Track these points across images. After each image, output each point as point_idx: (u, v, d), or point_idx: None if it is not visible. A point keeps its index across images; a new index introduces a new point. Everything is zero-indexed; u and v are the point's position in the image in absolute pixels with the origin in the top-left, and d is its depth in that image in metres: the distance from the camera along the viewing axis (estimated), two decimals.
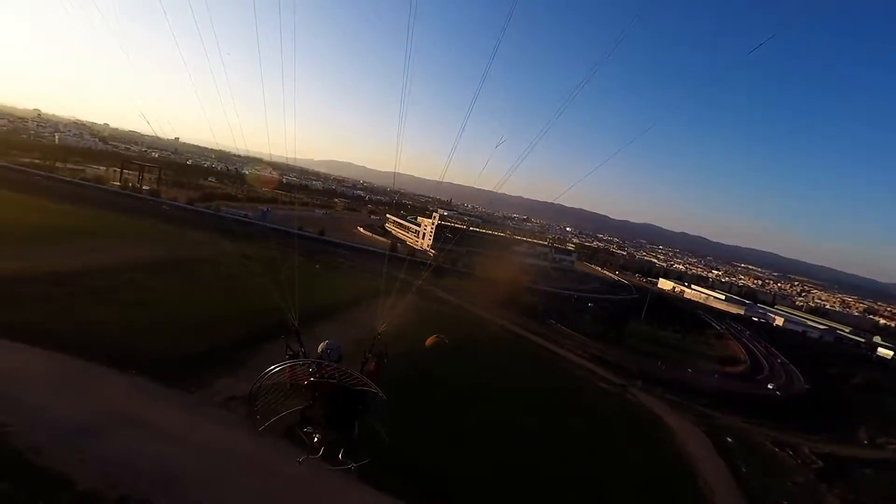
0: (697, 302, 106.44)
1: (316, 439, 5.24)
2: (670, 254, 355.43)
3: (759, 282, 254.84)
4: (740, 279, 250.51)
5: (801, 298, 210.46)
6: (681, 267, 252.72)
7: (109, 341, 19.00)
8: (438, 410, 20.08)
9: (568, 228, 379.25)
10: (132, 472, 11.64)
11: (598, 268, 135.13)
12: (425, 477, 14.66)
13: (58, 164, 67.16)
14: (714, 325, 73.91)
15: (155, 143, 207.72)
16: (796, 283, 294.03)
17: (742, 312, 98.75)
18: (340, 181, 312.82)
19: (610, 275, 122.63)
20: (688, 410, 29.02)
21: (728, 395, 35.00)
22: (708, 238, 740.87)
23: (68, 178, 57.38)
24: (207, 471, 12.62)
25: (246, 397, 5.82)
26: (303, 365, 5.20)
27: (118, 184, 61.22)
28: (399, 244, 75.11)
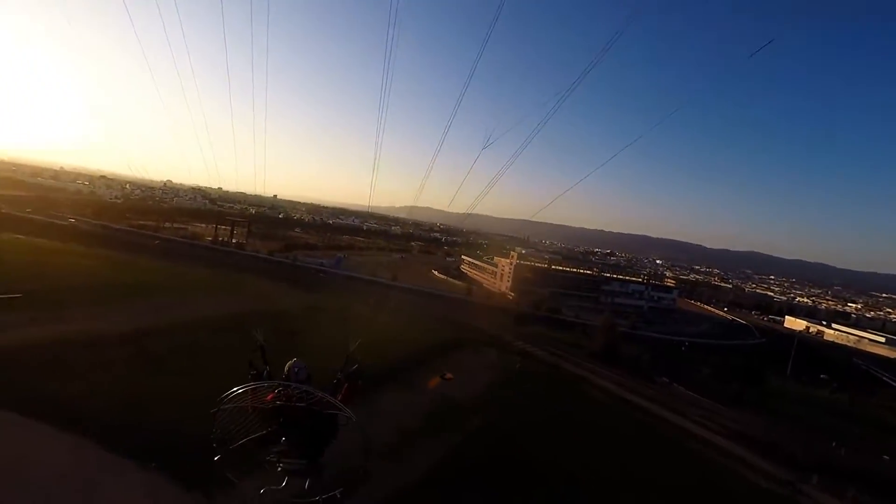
0: (846, 346, 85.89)
1: (280, 468, 4.86)
2: (786, 284, 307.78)
3: None
4: (891, 314, 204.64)
5: None
6: (806, 300, 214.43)
7: (141, 425, 16.46)
8: None
9: (658, 261, 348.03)
10: None
11: (703, 305, 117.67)
12: None
13: (165, 224, 74.62)
14: (889, 380, 57.13)
15: (256, 200, 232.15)
16: None
17: None
18: (418, 225, 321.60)
19: (720, 313, 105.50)
20: None
21: None
22: (831, 264, 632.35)
23: (167, 237, 62.74)
24: None
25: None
26: (267, 387, 4.74)
27: (210, 238, 66.12)
28: (474, 287, 70.43)
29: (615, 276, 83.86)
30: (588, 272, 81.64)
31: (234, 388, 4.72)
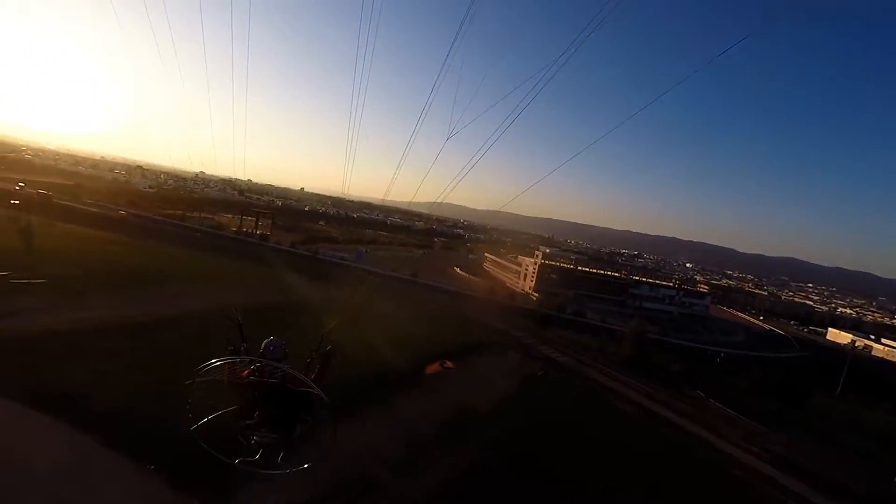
0: None
1: (253, 441, 5.05)
2: (825, 293, 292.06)
3: None
4: None
5: None
6: (849, 311, 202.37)
7: (140, 420, 15.76)
8: None
9: (688, 264, 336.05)
10: None
11: (738, 313, 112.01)
12: None
13: (193, 214, 75.98)
14: None
15: (283, 193, 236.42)
16: None
17: None
18: (441, 221, 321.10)
19: (756, 322, 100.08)
20: None
21: None
22: (876, 273, 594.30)
23: (192, 226, 63.61)
24: None
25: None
26: (241, 362, 4.96)
27: (234, 229, 66.85)
28: (497, 286, 68.63)
29: (644, 279, 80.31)
30: (615, 274, 78.43)
31: (211, 361, 4.84)
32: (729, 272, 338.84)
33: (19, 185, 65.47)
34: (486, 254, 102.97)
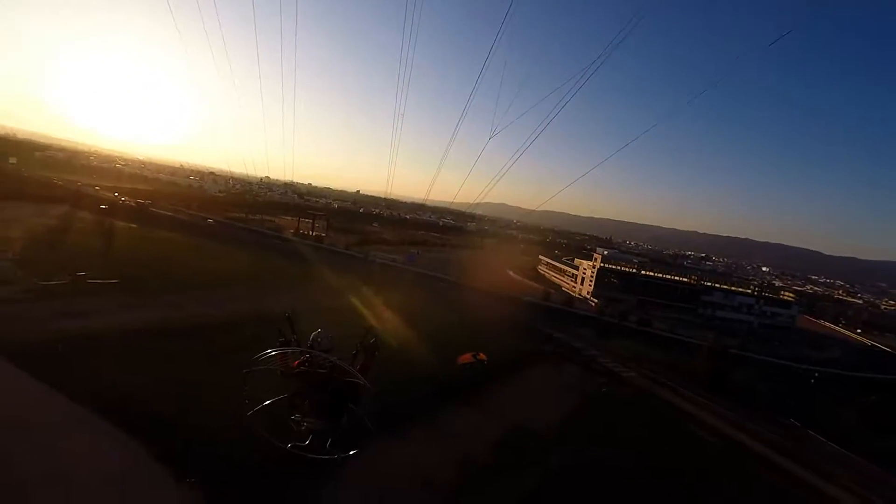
0: None
1: (304, 427, 5.43)
2: None
3: None
4: None
5: None
6: None
7: (188, 429, 15.53)
8: None
9: (764, 268, 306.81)
10: None
11: (829, 325, 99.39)
12: None
13: (255, 217, 79.90)
14: None
15: (340, 196, 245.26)
16: None
17: None
18: (494, 222, 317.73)
19: (852, 335, 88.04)
20: None
21: None
22: None
23: (253, 228, 66.57)
24: None
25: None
26: (293, 353, 5.32)
27: (292, 231, 69.23)
28: (553, 291, 65.36)
29: (718, 284, 72.94)
30: (684, 279, 71.91)
31: (266, 351, 5.16)
32: (814, 277, 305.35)
33: (117, 195, 72.36)
34: (540, 256, 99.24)
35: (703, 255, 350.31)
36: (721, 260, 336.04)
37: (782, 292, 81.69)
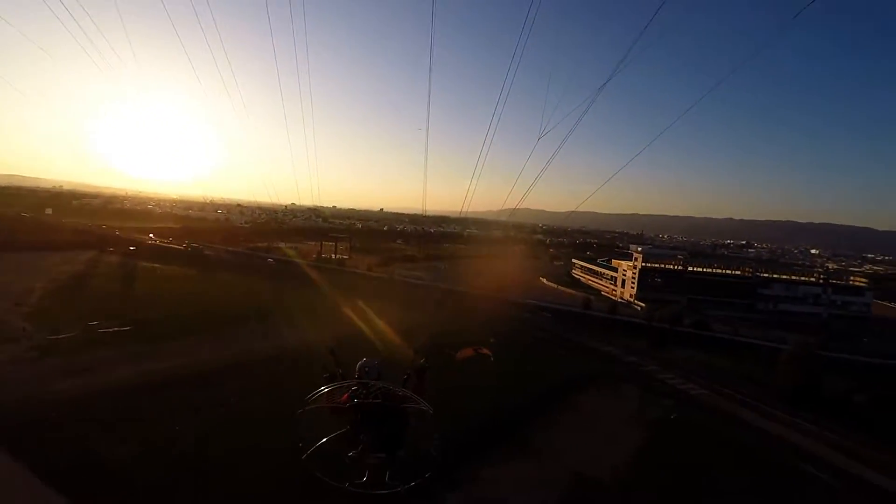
0: None
1: (361, 463, 5.10)
2: None
3: None
4: None
5: None
6: None
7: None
8: None
9: (813, 251, 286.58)
10: None
11: None
12: None
13: (279, 245, 79.25)
14: None
15: (364, 215, 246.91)
16: None
17: None
18: (519, 228, 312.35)
19: None
20: None
21: None
22: None
23: (275, 256, 65.49)
24: None
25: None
26: (340, 387, 5.14)
27: (314, 256, 67.80)
28: (592, 297, 60.59)
29: (777, 275, 65.73)
30: (738, 273, 65.19)
31: (319, 390, 5.02)
32: (870, 256, 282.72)
33: (147, 237, 73.69)
34: (573, 259, 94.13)
35: (744, 242, 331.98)
36: (764, 246, 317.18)
37: (852, 277, 73.50)
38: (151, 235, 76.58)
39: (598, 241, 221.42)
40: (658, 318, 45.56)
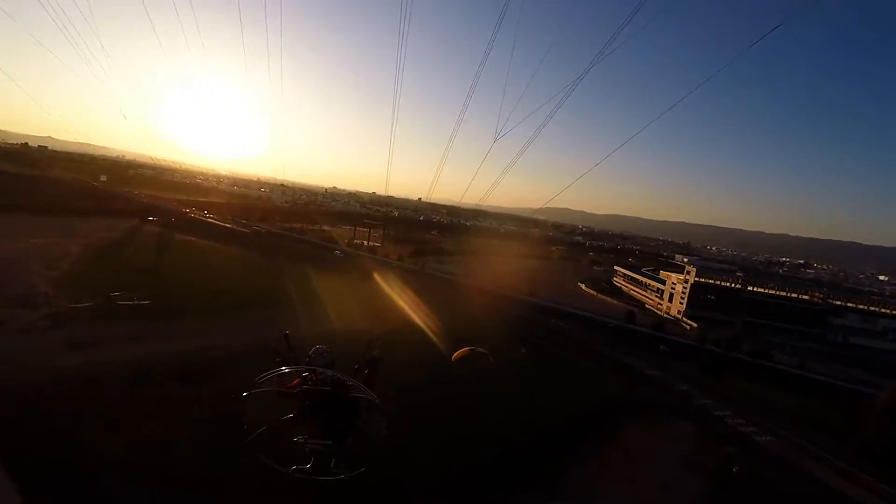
0: None
1: (307, 448, 5.15)
2: None
3: None
4: None
5: None
6: None
7: None
8: None
9: (882, 277, 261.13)
10: None
11: None
12: None
13: (313, 227, 79.04)
14: None
15: (402, 203, 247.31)
16: None
17: None
18: (558, 227, 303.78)
19: None
20: None
21: None
22: None
23: (307, 239, 64.71)
24: None
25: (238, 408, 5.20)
26: (290, 372, 5.02)
27: (346, 241, 66.88)
28: (635, 308, 55.90)
29: (853, 304, 58.16)
30: (805, 297, 58.09)
31: (263, 374, 4.90)
32: None
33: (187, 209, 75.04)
34: (615, 266, 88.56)
35: (802, 261, 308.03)
36: (825, 267, 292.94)
37: None
38: (193, 208, 78.00)
39: (640, 247, 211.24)
40: (710, 341, 40.93)
